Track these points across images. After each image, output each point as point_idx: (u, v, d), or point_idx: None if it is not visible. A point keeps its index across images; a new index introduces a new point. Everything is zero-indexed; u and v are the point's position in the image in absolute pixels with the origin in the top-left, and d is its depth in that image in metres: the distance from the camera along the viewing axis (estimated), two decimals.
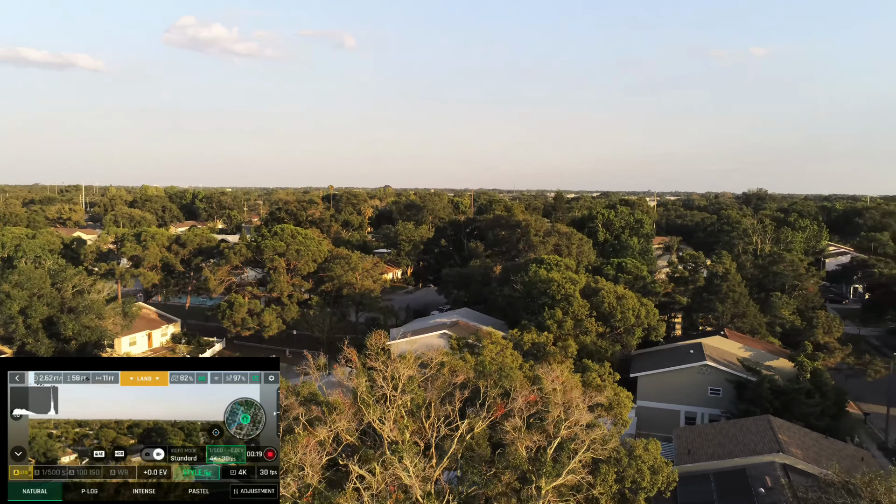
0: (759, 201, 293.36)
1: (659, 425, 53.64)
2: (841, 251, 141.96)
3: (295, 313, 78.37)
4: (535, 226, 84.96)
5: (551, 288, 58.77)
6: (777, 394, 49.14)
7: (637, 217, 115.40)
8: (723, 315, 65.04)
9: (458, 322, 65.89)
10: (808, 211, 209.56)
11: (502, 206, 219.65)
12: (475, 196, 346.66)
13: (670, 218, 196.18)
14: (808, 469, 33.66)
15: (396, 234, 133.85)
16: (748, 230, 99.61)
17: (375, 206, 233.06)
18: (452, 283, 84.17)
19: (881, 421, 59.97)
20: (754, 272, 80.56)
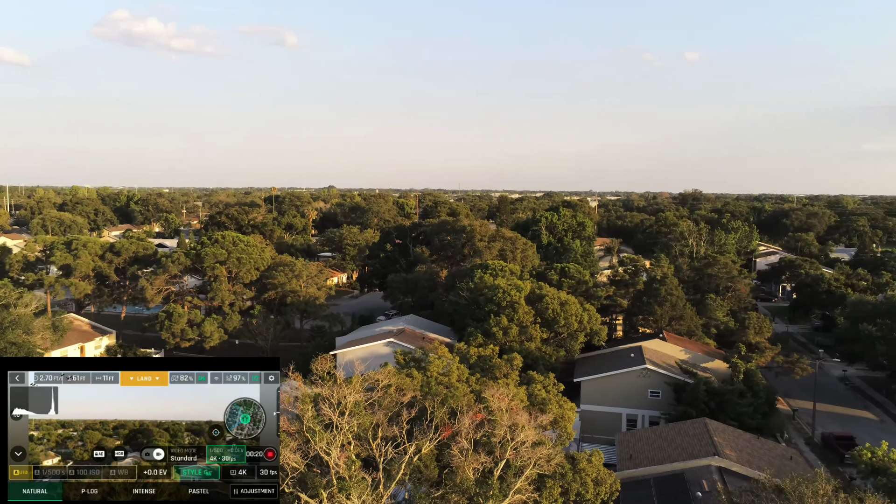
0: (695, 202, 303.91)
1: (602, 428, 54.99)
2: (770, 251, 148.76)
3: (237, 322, 76.62)
4: (480, 231, 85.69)
5: (497, 295, 59.41)
6: (712, 395, 51.10)
7: (579, 220, 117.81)
8: (661, 318, 67.17)
9: (404, 330, 65.80)
10: (739, 212, 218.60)
11: (448, 208, 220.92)
12: (420, 197, 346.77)
13: (611, 219, 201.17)
14: (742, 471, 35.17)
15: (341, 238, 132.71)
16: (684, 233, 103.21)
17: (319, 209, 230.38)
18: (398, 288, 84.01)
19: (808, 416, 63.12)
20: (690, 274, 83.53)
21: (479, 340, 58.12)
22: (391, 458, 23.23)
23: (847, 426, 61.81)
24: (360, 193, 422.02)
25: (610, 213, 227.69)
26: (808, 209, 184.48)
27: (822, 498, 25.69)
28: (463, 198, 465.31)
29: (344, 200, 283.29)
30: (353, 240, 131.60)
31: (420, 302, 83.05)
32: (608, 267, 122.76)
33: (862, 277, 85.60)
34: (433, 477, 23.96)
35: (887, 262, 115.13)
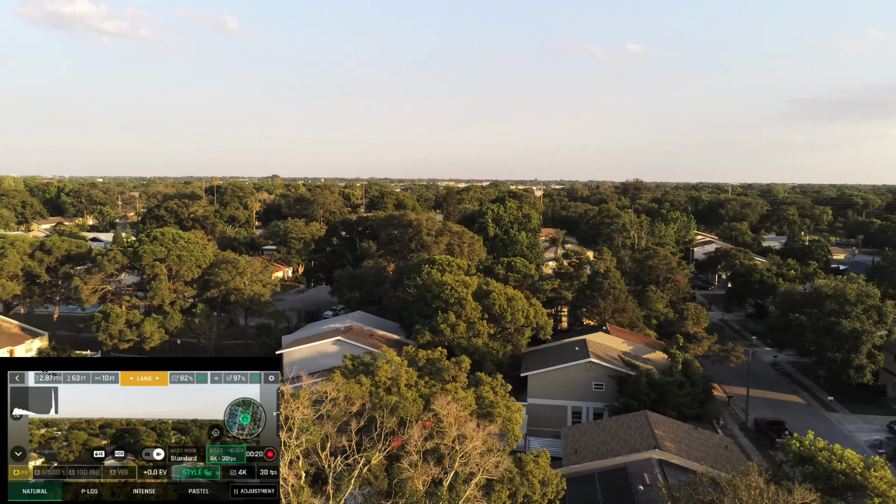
0: (636, 191, 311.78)
1: (548, 421, 56.18)
2: (707, 240, 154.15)
3: (178, 322, 74.55)
4: (427, 225, 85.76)
5: (444, 292, 59.68)
6: (653, 387, 52.86)
7: (525, 212, 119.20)
8: (605, 310, 68.87)
9: (352, 327, 65.41)
10: (678, 201, 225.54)
11: (395, 199, 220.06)
12: (367, 187, 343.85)
13: (556, 210, 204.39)
14: (682, 463, 36.59)
15: (286, 231, 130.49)
16: (626, 225, 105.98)
17: (263, 200, 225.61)
18: (345, 284, 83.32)
19: (742, 402, 65.98)
20: (632, 266, 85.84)
21: (427, 338, 58.41)
22: (341, 471, 23.16)
23: (778, 411, 64.98)
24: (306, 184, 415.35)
25: (555, 204, 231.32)
26: (742, 199, 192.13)
27: (755, 490, 27.02)
28: (409, 187, 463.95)
29: (288, 191, 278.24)
30: (299, 233, 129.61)
31: (367, 297, 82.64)
32: (553, 258, 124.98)
33: (791, 267, 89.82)
34: (383, 488, 24.05)
35: (814, 251, 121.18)
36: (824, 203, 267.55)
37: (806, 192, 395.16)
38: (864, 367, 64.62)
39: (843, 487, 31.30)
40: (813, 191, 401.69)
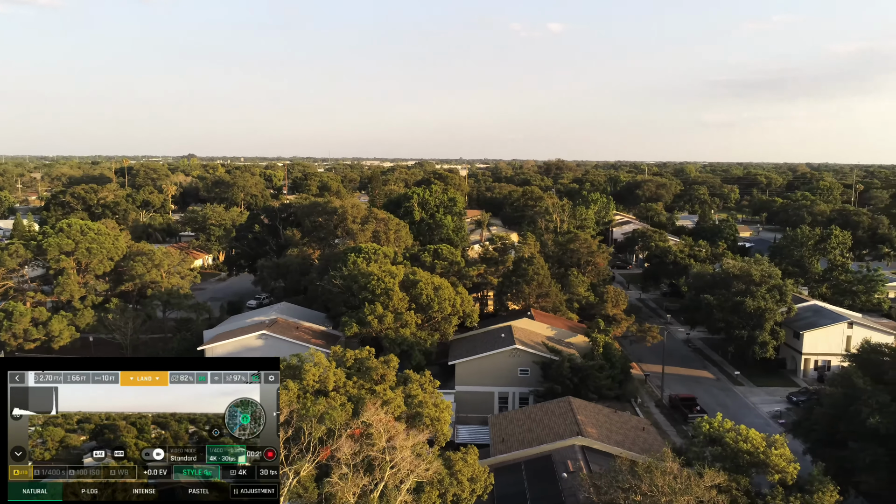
0: (558, 171, 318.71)
1: (476, 407, 57.30)
2: (625, 220, 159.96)
3: (90, 318, 70.86)
4: (353, 212, 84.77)
5: (371, 282, 59.37)
6: (576, 371, 54.75)
7: (450, 196, 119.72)
8: (529, 296, 70.50)
9: (277, 320, 64.18)
10: (598, 181, 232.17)
11: (318, 181, 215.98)
12: (289, 167, 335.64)
13: (481, 191, 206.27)
14: (603, 448, 38.27)
15: (205, 217, 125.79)
16: (549, 208, 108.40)
17: (179, 183, 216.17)
18: (269, 274, 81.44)
19: (658, 379, 69.41)
20: (555, 250, 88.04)
21: (355, 329, 58.10)
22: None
23: (690, 387, 68.81)
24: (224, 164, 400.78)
25: (480, 185, 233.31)
26: (657, 180, 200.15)
27: (669, 476, 28.65)
28: (334, 167, 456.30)
29: (206, 173, 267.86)
30: (218, 219, 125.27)
31: (292, 286, 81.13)
32: (478, 241, 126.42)
33: (702, 248, 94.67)
34: (313, 500, 23.94)
35: (723, 230, 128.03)
36: (732, 182, 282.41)
37: (715, 170, 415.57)
38: (767, 343, 69.25)
39: (748, 465, 33.61)
40: (722, 169, 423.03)
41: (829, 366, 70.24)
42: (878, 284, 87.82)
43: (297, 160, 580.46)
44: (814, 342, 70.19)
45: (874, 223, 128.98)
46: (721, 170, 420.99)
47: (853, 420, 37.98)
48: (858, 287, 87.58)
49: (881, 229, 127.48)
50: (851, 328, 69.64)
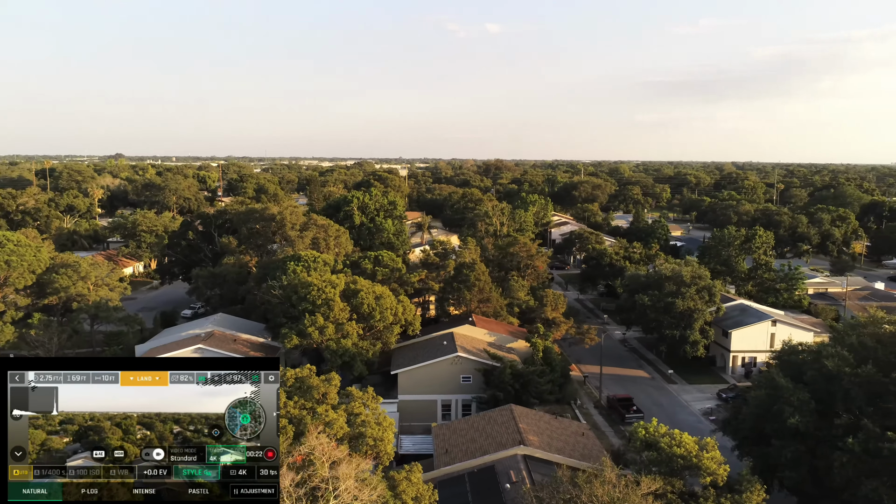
0: (497, 171, 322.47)
1: (419, 416, 57.35)
2: (563, 221, 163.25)
3: (10, 335, 67.08)
4: (291, 219, 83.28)
5: (311, 293, 58.55)
6: (517, 377, 55.55)
7: (390, 199, 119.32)
8: (470, 301, 71.06)
9: (213, 332, 62.48)
10: (536, 182, 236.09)
11: (255, 183, 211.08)
12: (224, 168, 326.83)
13: (421, 192, 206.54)
14: (545, 457, 38.98)
15: (135, 223, 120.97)
16: (488, 212, 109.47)
17: (106, 186, 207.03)
18: (205, 283, 79.08)
19: (597, 380, 71.20)
20: (495, 254, 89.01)
21: (295, 341, 57.14)
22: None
23: (627, 386, 70.90)
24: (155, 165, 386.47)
25: (420, 186, 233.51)
26: (593, 181, 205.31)
27: (608, 485, 29.47)
28: (271, 167, 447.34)
29: (136, 174, 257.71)
30: (149, 225, 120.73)
31: (229, 295, 79.04)
32: (419, 244, 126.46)
33: (636, 250, 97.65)
34: None
35: (656, 230, 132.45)
36: (664, 181, 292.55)
37: (648, 169, 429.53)
38: (697, 342, 72.09)
39: (682, 468, 34.92)
40: (654, 168, 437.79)
41: (756, 362, 73.73)
42: (798, 282, 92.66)
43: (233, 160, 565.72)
44: (741, 340, 73.51)
45: (794, 222, 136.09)
46: (653, 169, 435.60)
47: (776, 419, 39.97)
48: (781, 285, 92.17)
49: (800, 228, 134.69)
50: (775, 326, 73.28)
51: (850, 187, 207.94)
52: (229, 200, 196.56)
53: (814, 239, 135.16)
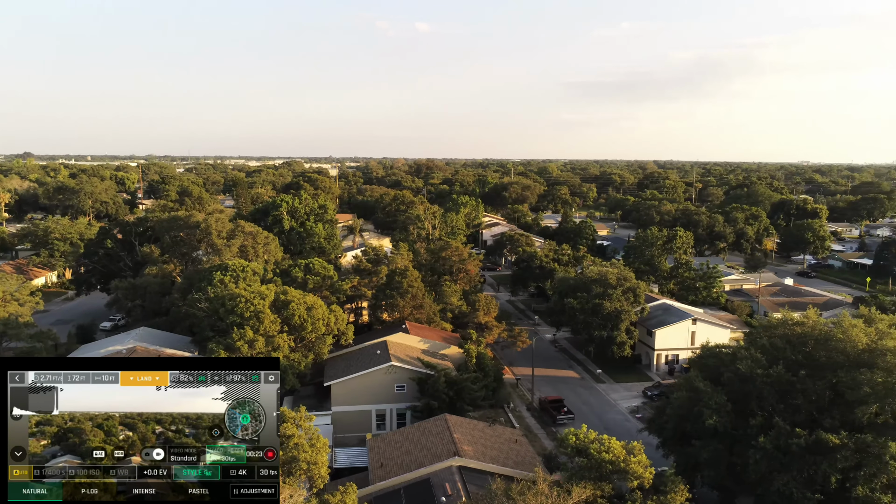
0: (428, 171, 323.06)
1: (353, 427, 56.91)
2: (494, 222, 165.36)
3: None
4: (217, 226, 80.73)
5: (239, 305, 56.99)
6: (451, 385, 55.93)
7: (321, 202, 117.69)
8: (403, 308, 70.96)
9: (135, 348, 59.83)
10: (467, 182, 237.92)
11: (178, 185, 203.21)
12: (144, 169, 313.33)
13: (352, 193, 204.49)
14: (480, 467, 39.47)
15: (47, 231, 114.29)
16: (420, 216, 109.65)
17: (14, 189, 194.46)
18: (124, 295, 75.70)
19: (529, 381, 72.56)
20: (427, 258, 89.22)
21: (223, 356, 55.46)
22: None
23: (558, 387, 72.62)
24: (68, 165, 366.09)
25: (351, 187, 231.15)
26: (522, 182, 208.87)
27: (541, 496, 30.15)
28: (195, 167, 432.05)
29: (47, 176, 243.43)
30: (63, 232, 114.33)
31: (152, 307, 75.96)
32: (351, 247, 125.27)
33: (565, 252, 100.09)
34: None
35: (583, 231, 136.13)
36: (590, 181, 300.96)
37: (575, 168, 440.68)
38: (624, 342, 74.64)
39: (611, 473, 36.13)
40: (581, 168, 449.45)
41: (678, 359, 77.04)
42: (715, 280, 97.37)
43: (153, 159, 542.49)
44: (664, 339, 76.63)
45: (711, 221, 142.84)
46: (580, 168, 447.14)
47: (696, 420, 41.95)
48: (700, 283, 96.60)
49: (717, 227, 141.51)
50: (695, 324, 76.76)
51: (761, 186, 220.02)
52: (151, 203, 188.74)
53: (729, 237, 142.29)
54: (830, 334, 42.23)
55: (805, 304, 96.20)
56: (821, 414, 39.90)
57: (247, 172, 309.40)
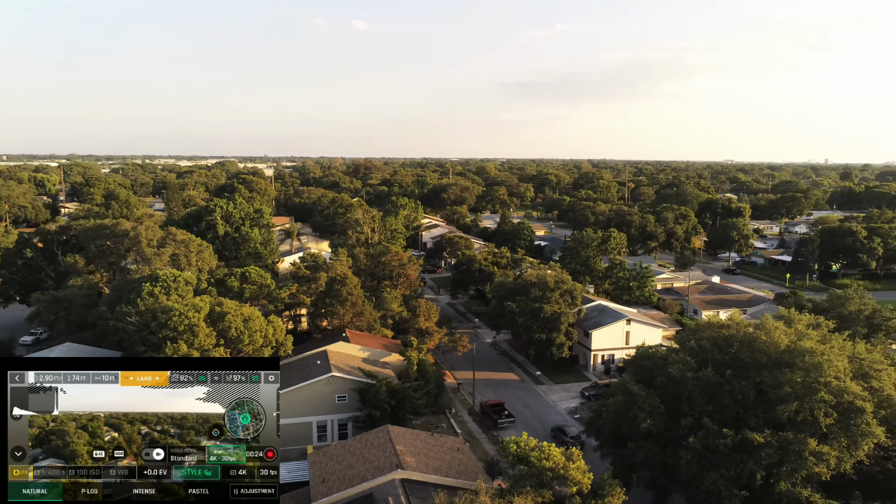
0: (367, 171, 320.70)
1: (294, 439, 55.98)
2: (433, 223, 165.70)
3: None
4: (147, 235, 77.74)
5: (172, 319, 55.12)
6: (392, 394, 55.81)
7: (256, 207, 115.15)
8: (343, 316, 70.28)
9: None
10: (406, 183, 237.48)
11: (103, 188, 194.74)
12: (66, 170, 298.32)
13: (289, 195, 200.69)
14: (423, 479, 39.52)
15: None
16: (359, 220, 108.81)
17: None
18: (47, 309, 71.94)
19: (470, 385, 73.23)
20: (367, 263, 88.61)
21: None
22: None
23: (499, 390, 73.56)
24: None
25: (288, 188, 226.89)
26: (461, 183, 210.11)
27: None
28: (121, 168, 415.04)
29: None
30: None
31: (77, 320, 72.46)
32: (289, 252, 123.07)
33: (503, 255, 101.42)
34: None
35: (521, 232, 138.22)
36: (527, 181, 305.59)
37: (512, 168, 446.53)
38: (563, 344, 76.28)
39: (551, 480, 36.90)
40: (518, 167, 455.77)
41: (614, 358, 79.33)
42: (648, 280, 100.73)
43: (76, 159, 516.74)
44: (600, 339, 78.76)
45: (643, 222, 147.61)
46: (517, 167, 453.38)
47: (631, 423, 43.35)
48: (634, 283, 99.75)
49: (649, 227, 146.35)
50: (630, 325, 79.21)
51: (689, 186, 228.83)
52: (74, 208, 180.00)
53: (660, 237, 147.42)
54: (754, 336, 44.38)
55: (731, 302, 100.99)
56: (746, 412, 41.87)
57: (178, 173, 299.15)
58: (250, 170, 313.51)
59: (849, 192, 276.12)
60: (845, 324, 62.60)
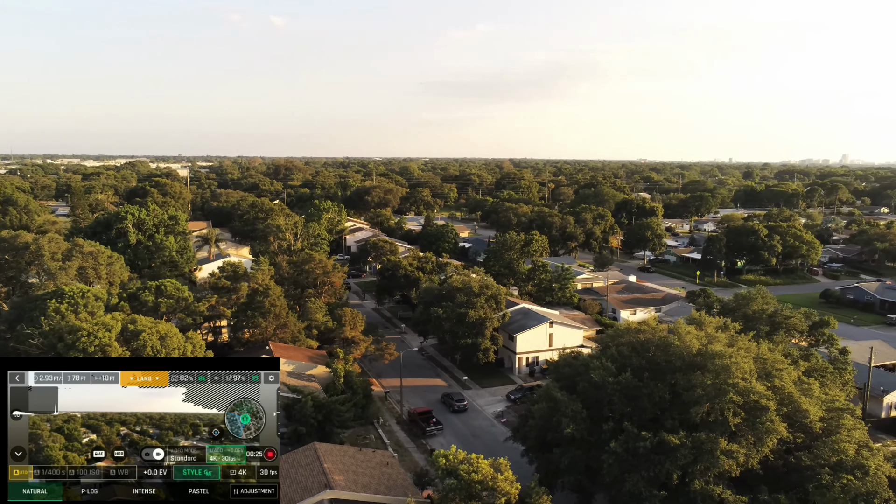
0: (287, 172, 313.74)
1: None
2: (357, 227, 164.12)
3: None
4: (50, 248, 73.11)
5: (80, 340, 52.08)
6: (319, 408, 54.94)
7: (171, 213, 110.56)
8: (266, 328, 68.59)
9: None
10: (328, 184, 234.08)
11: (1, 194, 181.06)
12: None
13: (206, 198, 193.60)
14: (353, 497, 39.17)
15: None
16: (281, 227, 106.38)
17: None
18: None
19: (397, 393, 73.06)
20: (290, 272, 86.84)
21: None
22: None
23: (426, 396, 73.78)
24: None
25: (204, 191, 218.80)
26: (385, 185, 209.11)
27: None
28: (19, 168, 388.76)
29: None
30: None
31: None
32: (207, 259, 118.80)
33: (429, 260, 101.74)
34: None
35: (445, 234, 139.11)
36: (450, 181, 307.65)
37: (436, 168, 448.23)
38: (488, 348, 77.36)
39: (480, 492, 37.42)
40: (441, 167, 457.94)
41: (538, 361, 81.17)
42: (569, 281, 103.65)
43: None
44: (525, 342, 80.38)
45: (563, 223, 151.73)
46: (441, 167, 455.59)
47: (556, 429, 44.55)
48: (555, 284, 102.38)
49: (569, 228, 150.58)
50: (553, 327, 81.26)
51: (606, 186, 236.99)
52: None
53: (580, 237, 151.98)
54: (669, 340, 46.53)
55: (647, 301, 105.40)
56: (663, 414, 43.85)
57: (83, 175, 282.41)
58: (163, 170, 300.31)
59: (751, 190, 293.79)
60: (750, 323, 66.53)
